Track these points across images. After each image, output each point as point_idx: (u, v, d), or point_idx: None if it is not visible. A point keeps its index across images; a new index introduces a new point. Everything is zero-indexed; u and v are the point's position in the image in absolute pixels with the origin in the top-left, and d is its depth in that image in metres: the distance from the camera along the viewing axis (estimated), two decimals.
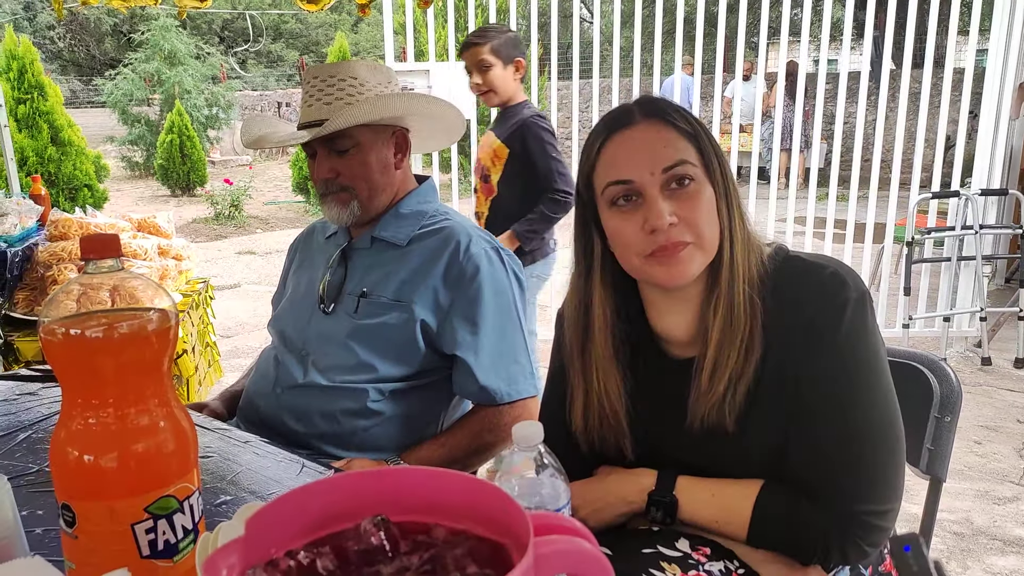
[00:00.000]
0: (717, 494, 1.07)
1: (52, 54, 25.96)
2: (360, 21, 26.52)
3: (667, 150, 1.02)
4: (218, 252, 8.24)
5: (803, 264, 1.07)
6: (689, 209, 1.01)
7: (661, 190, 1.01)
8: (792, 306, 1.03)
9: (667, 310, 1.12)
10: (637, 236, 1.03)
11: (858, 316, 1.02)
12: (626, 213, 1.03)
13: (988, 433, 3.46)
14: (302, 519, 0.57)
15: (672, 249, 1.01)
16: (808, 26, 4.62)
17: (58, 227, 3.13)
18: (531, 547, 0.49)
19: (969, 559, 2.51)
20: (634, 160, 1.02)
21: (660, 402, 1.13)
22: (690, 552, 1.05)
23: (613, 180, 1.03)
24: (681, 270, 1.02)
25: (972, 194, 4.34)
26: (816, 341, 1.02)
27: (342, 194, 1.58)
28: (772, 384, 1.04)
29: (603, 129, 1.07)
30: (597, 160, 1.06)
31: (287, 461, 1.24)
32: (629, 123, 1.04)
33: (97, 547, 0.74)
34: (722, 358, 1.04)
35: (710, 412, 1.05)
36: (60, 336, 0.72)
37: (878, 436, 1.02)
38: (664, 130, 1.03)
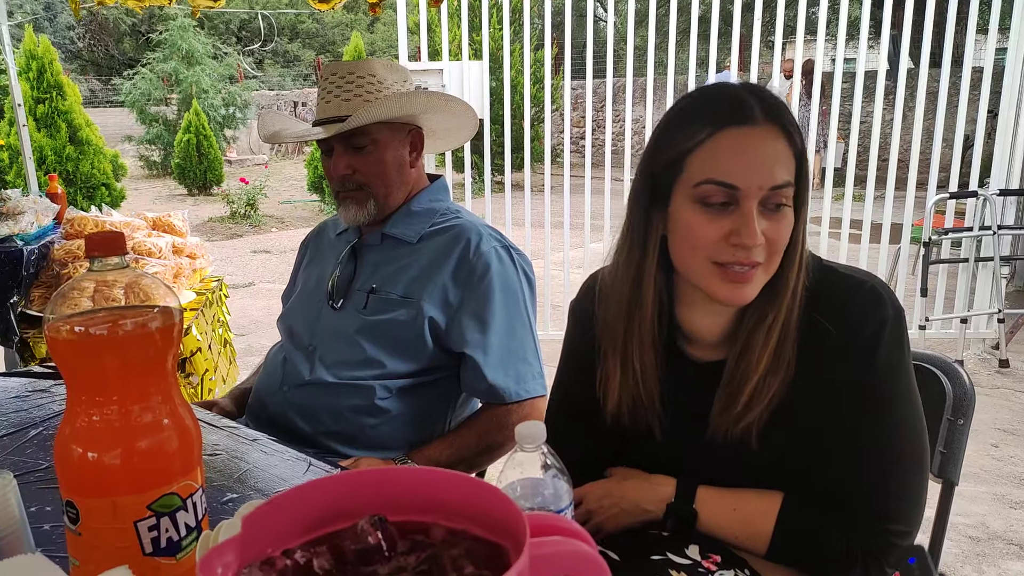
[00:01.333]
0: (739, 508, 1.05)
1: (72, 54, 26.22)
2: (376, 21, 26.59)
3: (779, 168, 0.95)
4: (233, 251, 8.29)
5: (839, 277, 1.04)
6: (775, 232, 0.97)
7: (758, 205, 0.95)
8: (830, 321, 1.01)
9: (703, 312, 1.08)
10: (716, 242, 0.97)
11: (895, 335, 1.00)
12: (713, 215, 0.97)
13: (1005, 436, 3.42)
14: (300, 518, 0.56)
15: (747, 273, 0.97)
16: (825, 24, 4.59)
17: (74, 225, 3.15)
18: (527, 548, 0.49)
19: (984, 564, 2.48)
20: (746, 166, 0.94)
21: (678, 403, 1.11)
22: (700, 560, 1.03)
23: (716, 180, 0.95)
24: (747, 292, 0.99)
25: (990, 194, 4.29)
26: (853, 359, 1.00)
27: (359, 193, 1.58)
28: (801, 399, 1.03)
29: (714, 116, 0.96)
30: (699, 148, 0.96)
31: (294, 460, 1.25)
32: (749, 121, 0.95)
33: (100, 544, 0.74)
34: (764, 384, 1.01)
35: (733, 428, 1.03)
36: (64, 333, 0.72)
37: (909, 456, 1.01)
38: (781, 141, 0.96)
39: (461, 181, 7.21)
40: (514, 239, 1.86)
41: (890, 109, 5.37)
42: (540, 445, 0.80)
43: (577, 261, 5.33)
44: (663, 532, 1.09)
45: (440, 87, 4.49)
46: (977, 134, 4.45)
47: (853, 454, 1.01)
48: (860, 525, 1.00)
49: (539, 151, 9.26)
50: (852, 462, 1.01)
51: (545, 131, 4.87)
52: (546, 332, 4.61)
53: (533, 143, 8.51)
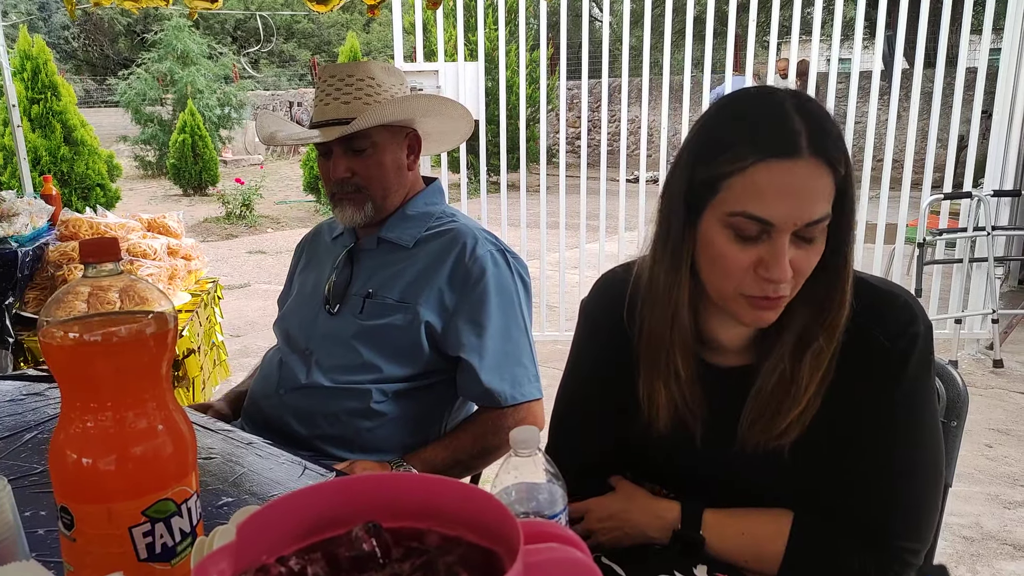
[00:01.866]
0: (747, 532, 1.04)
1: (66, 54, 26.17)
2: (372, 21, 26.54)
3: (818, 204, 0.92)
4: (229, 251, 8.28)
5: (872, 290, 1.03)
6: (803, 262, 0.94)
7: (792, 235, 0.93)
8: (864, 335, 1.00)
9: (727, 324, 1.07)
10: (744, 272, 0.95)
11: (925, 352, 1.00)
12: (743, 243, 0.94)
13: (999, 436, 3.43)
14: (294, 525, 0.57)
15: (772, 301, 0.96)
16: (820, 25, 4.60)
17: (68, 227, 3.15)
18: (521, 555, 0.49)
19: (979, 564, 2.49)
20: (785, 204, 0.91)
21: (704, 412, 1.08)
22: None
23: (753, 215, 0.92)
24: (770, 317, 0.98)
25: (984, 195, 4.31)
26: (885, 374, 0.99)
27: (357, 195, 1.58)
28: (835, 410, 1.01)
29: (760, 144, 0.92)
30: (738, 175, 0.92)
31: (289, 463, 1.25)
32: (794, 153, 0.90)
33: (95, 550, 0.74)
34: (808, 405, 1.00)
35: (768, 439, 1.02)
36: (59, 339, 0.72)
37: (928, 474, 1.01)
38: (823, 176, 0.92)
39: (456, 181, 7.21)
40: (509, 240, 1.86)
41: (885, 109, 5.39)
42: (535, 450, 0.80)
43: (573, 262, 5.33)
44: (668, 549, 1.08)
45: (436, 88, 4.49)
46: (972, 135, 4.47)
47: (877, 471, 1.00)
48: (873, 545, 0.99)
49: (535, 151, 9.26)
50: (876, 479, 1.00)
51: (541, 131, 4.87)
52: (542, 333, 4.61)
53: (529, 143, 8.52)
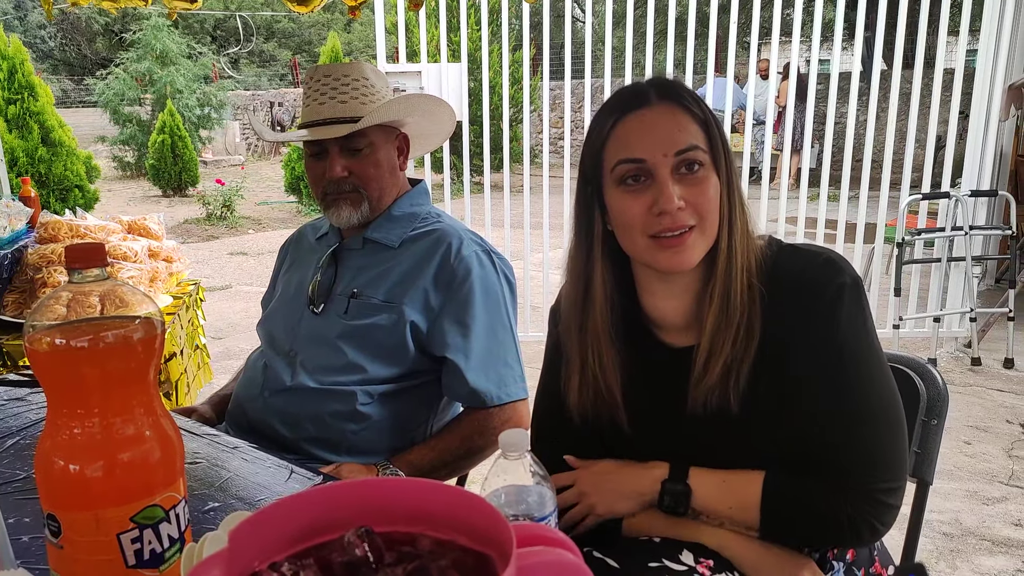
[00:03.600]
0: (728, 479, 1.08)
1: (43, 53, 25.87)
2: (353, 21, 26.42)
3: (681, 134, 1.03)
4: (210, 253, 8.21)
5: (797, 252, 1.09)
6: (696, 194, 1.03)
7: (671, 173, 1.02)
8: (789, 292, 1.06)
9: (663, 295, 1.12)
10: (643, 216, 1.03)
11: (854, 300, 1.04)
12: (634, 192, 1.04)
13: (977, 433, 3.48)
14: (286, 531, 0.56)
15: (680, 237, 1.02)
16: (799, 26, 4.64)
17: (48, 229, 3.11)
18: (514, 558, 0.49)
19: (958, 559, 2.52)
20: (648, 140, 1.03)
21: (657, 391, 1.14)
22: (694, 565, 1.05)
23: (625, 158, 1.04)
24: (685, 257, 1.04)
25: (962, 195, 4.36)
26: (816, 326, 1.04)
27: (353, 195, 1.58)
28: (773, 368, 1.06)
29: (616, 108, 1.06)
30: (608, 138, 1.06)
31: (275, 467, 1.24)
32: (644, 104, 1.05)
33: (82, 557, 0.74)
34: (716, 346, 1.05)
35: (710, 398, 1.06)
36: (45, 346, 0.72)
37: (882, 414, 1.04)
38: (679, 114, 1.04)
39: (440, 182, 7.19)
40: (493, 240, 1.87)
41: (864, 110, 5.44)
42: (524, 452, 0.81)
43: (557, 262, 5.33)
44: (654, 538, 1.10)
45: (418, 89, 4.49)
46: (949, 135, 4.52)
47: (831, 418, 1.03)
48: (845, 488, 1.02)
49: (518, 152, 9.27)
50: (830, 426, 1.03)
51: (524, 132, 4.88)
52: (526, 333, 4.61)
53: (512, 144, 8.53)
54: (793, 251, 1.10)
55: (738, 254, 1.06)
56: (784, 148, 5.69)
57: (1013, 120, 5.00)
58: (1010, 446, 3.35)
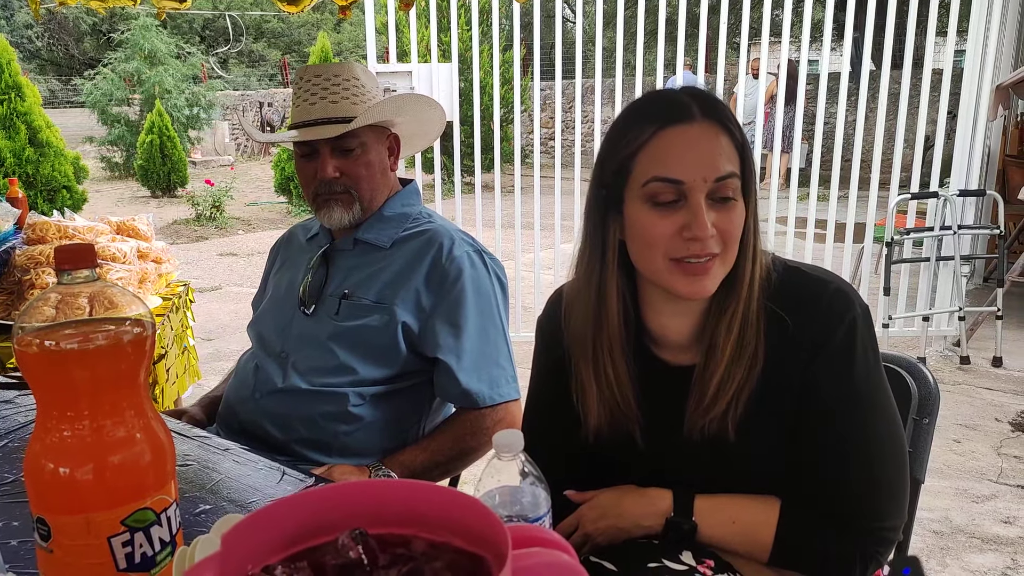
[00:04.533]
0: (738, 520, 1.06)
1: (30, 53, 25.70)
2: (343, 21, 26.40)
3: (722, 160, 0.98)
4: (199, 254, 8.18)
5: (805, 279, 1.07)
6: (726, 222, 0.99)
7: (706, 198, 0.98)
8: (798, 322, 1.03)
9: (668, 313, 1.10)
10: (670, 238, 0.99)
11: (865, 334, 1.03)
12: (663, 212, 0.99)
13: (967, 432, 3.49)
14: (279, 533, 0.56)
15: (704, 265, 0.99)
16: (789, 27, 4.65)
17: (36, 230, 3.08)
18: (510, 560, 0.49)
19: (948, 557, 2.53)
20: (688, 161, 0.97)
21: (652, 408, 1.12)
22: (695, 565, 1.04)
23: (662, 176, 0.98)
24: (707, 284, 1.00)
25: (951, 195, 4.38)
26: (827, 359, 1.02)
27: (344, 196, 1.58)
28: (774, 397, 1.04)
29: (656, 117, 1.00)
30: (642, 149, 1.00)
31: (267, 469, 1.24)
32: (687, 118, 0.99)
33: (73, 561, 0.73)
34: (729, 374, 1.03)
35: (711, 424, 1.05)
36: (35, 348, 0.71)
37: (890, 452, 1.04)
38: (721, 136, 0.99)
39: (430, 182, 7.18)
40: (484, 240, 1.86)
41: (853, 110, 5.47)
42: (518, 453, 0.81)
43: (547, 262, 5.34)
44: (654, 540, 1.09)
45: (409, 89, 4.48)
46: (938, 135, 4.54)
47: (842, 458, 1.02)
48: (855, 526, 1.02)
49: (508, 152, 9.27)
50: (842, 466, 1.02)
51: (515, 132, 4.87)
52: (517, 334, 4.61)
53: (502, 144, 8.53)
54: (800, 275, 1.07)
55: (756, 281, 1.04)
56: (774, 148, 5.72)
57: (1001, 120, 5.03)
58: (999, 444, 3.37)
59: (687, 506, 1.07)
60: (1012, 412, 3.69)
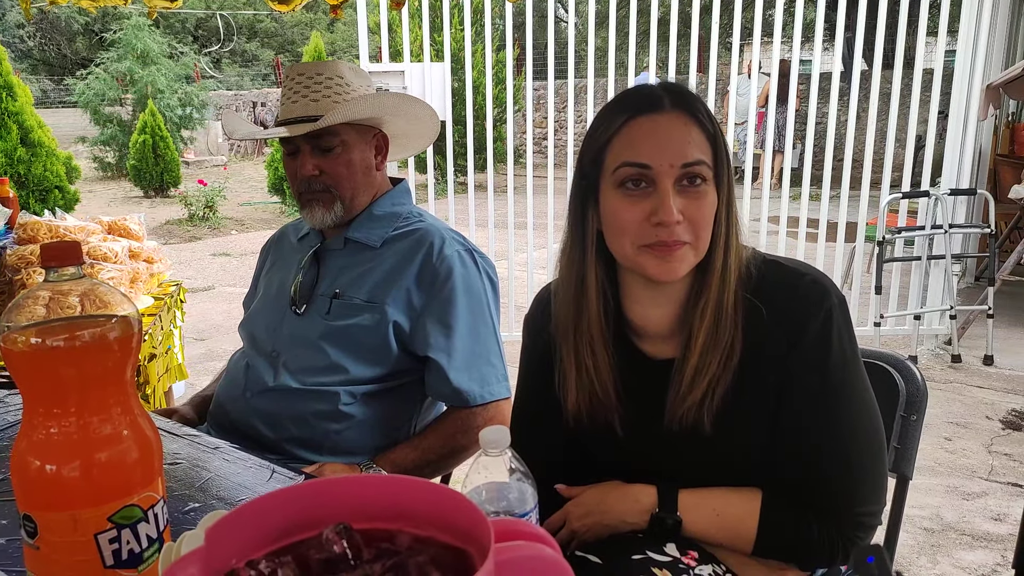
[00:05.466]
0: (721, 513, 1.07)
1: (22, 53, 25.60)
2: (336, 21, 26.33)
3: (690, 146, 1.00)
4: (192, 254, 8.16)
5: (782, 270, 1.08)
6: (695, 209, 1.01)
7: (674, 184, 1.00)
8: (774, 313, 1.04)
9: (648, 303, 1.11)
10: (639, 224, 1.01)
11: (841, 323, 1.04)
12: (632, 198, 1.01)
13: (958, 430, 3.51)
14: (264, 528, 0.56)
15: (669, 247, 1.00)
16: (781, 27, 4.67)
17: (27, 230, 3.07)
18: (492, 554, 0.50)
19: (939, 554, 2.55)
20: (656, 146, 1.00)
21: (634, 400, 1.13)
22: (679, 556, 1.05)
23: (629, 161, 1.01)
24: (674, 267, 1.02)
25: (942, 194, 4.41)
26: (803, 350, 1.03)
27: (325, 195, 1.57)
28: (752, 388, 1.06)
29: (627, 107, 1.03)
30: (614, 138, 1.03)
31: (257, 467, 1.24)
32: (657, 108, 1.02)
33: (60, 558, 0.73)
34: (703, 363, 1.04)
35: (687, 414, 1.06)
36: (20, 345, 0.71)
37: (868, 438, 1.05)
38: (691, 125, 1.01)
39: (423, 182, 7.17)
40: (477, 240, 1.86)
41: (844, 110, 5.49)
42: (504, 449, 0.81)
43: (541, 262, 5.35)
44: (638, 534, 1.10)
45: (402, 88, 4.47)
46: (929, 134, 4.57)
47: (820, 447, 1.04)
48: (835, 514, 1.04)
49: (502, 152, 9.27)
50: (820, 455, 1.04)
51: (508, 132, 4.88)
52: (510, 333, 4.60)
53: (496, 144, 8.52)
54: (778, 267, 1.09)
55: (731, 271, 1.05)
56: (766, 148, 5.72)
57: (992, 119, 5.05)
58: (990, 442, 3.39)
59: (672, 501, 1.08)
60: (1003, 410, 3.71)
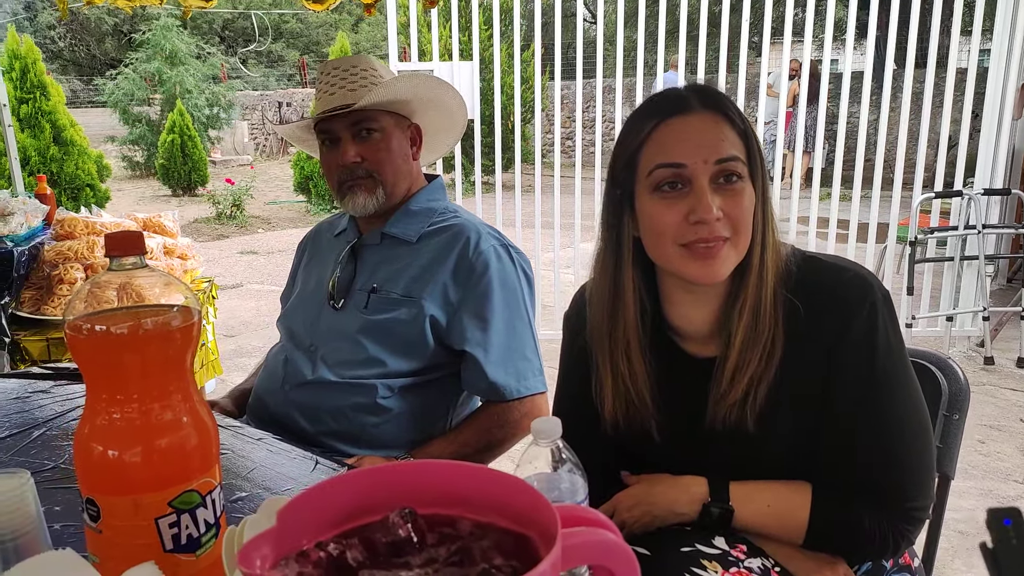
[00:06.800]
0: (772, 504, 1.07)
1: (53, 54, 25.99)
2: (361, 20, 26.52)
3: (722, 143, 1.00)
4: (220, 252, 8.24)
5: (824, 266, 1.08)
6: (733, 206, 1.01)
7: (710, 182, 1.00)
8: (817, 310, 1.04)
9: (688, 305, 1.11)
10: (677, 225, 1.01)
11: (886, 317, 1.04)
12: (669, 200, 1.02)
13: (992, 432, 3.46)
14: (330, 512, 0.57)
15: (713, 248, 1.00)
16: (811, 26, 4.63)
17: (64, 226, 3.13)
18: (560, 538, 0.50)
19: (974, 557, 2.51)
20: (689, 146, 1.00)
21: (677, 400, 1.13)
22: (728, 549, 1.05)
23: (664, 162, 1.01)
24: (717, 268, 1.02)
25: (975, 194, 4.35)
26: (849, 345, 1.03)
27: (367, 180, 1.59)
28: (795, 386, 1.05)
29: (656, 111, 1.04)
30: (646, 141, 1.03)
31: (300, 458, 1.25)
32: (686, 110, 1.02)
33: (121, 541, 0.74)
34: (743, 361, 1.04)
35: (730, 413, 1.06)
36: (86, 332, 0.73)
37: (916, 432, 1.05)
38: (721, 123, 1.02)
39: (450, 181, 7.20)
40: None
41: (875, 110, 5.43)
42: (556, 440, 0.81)
43: (566, 261, 5.34)
44: (686, 527, 1.10)
45: None
46: (961, 134, 4.50)
47: (870, 442, 1.03)
48: (886, 508, 1.04)
49: (528, 151, 9.27)
50: (870, 450, 1.03)
51: (535, 131, 4.88)
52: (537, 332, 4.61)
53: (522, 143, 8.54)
54: (818, 263, 1.08)
55: (769, 269, 1.04)
56: (796, 148, 5.67)
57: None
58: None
59: (723, 491, 1.08)
60: None
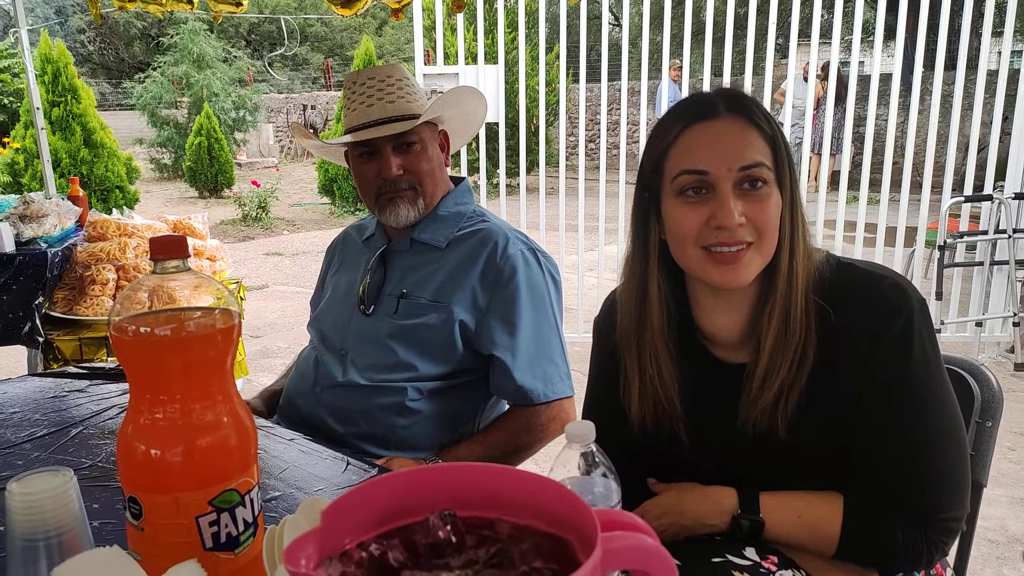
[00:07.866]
0: (803, 514, 1.06)
1: (82, 57, 26.40)
2: (385, 24, 26.67)
3: (748, 149, 1.01)
4: (246, 253, 8.32)
5: (859, 273, 1.07)
6: (757, 211, 1.01)
7: (734, 188, 1.00)
8: (853, 317, 1.03)
9: (716, 310, 1.11)
10: (699, 228, 1.02)
11: (923, 325, 1.02)
12: (693, 204, 1.02)
13: (1021, 439, 3.42)
14: (371, 513, 0.58)
15: (735, 253, 1.00)
16: (839, 28, 4.60)
17: (96, 228, 3.18)
18: (600, 542, 0.51)
19: (1004, 567, 2.48)
20: (713, 152, 1.01)
21: (707, 405, 1.13)
22: (759, 560, 1.04)
23: (687, 169, 1.02)
24: (740, 274, 1.02)
25: (1005, 198, 4.29)
26: (885, 353, 1.02)
27: (410, 192, 1.61)
28: (828, 392, 1.04)
29: (682, 116, 1.04)
30: (672, 146, 1.04)
31: (332, 459, 1.26)
32: (712, 115, 1.02)
33: (163, 539, 0.76)
34: (773, 366, 1.04)
35: (760, 418, 1.05)
36: (130, 334, 0.74)
37: (952, 442, 1.03)
38: (747, 128, 1.02)
39: (474, 184, 7.21)
40: None
41: (903, 112, 5.37)
42: (589, 444, 0.82)
43: (591, 264, 5.34)
44: (716, 537, 1.09)
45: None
46: (991, 137, 4.45)
47: (905, 451, 1.02)
48: (919, 518, 1.02)
49: (552, 154, 9.28)
50: (905, 459, 1.02)
51: (560, 134, 4.88)
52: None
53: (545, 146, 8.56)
54: (853, 270, 1.07)
55: (799, 274, 1.04)
56: (823, 151, 5.66)
57: None
58: None
59: (753, 502, 1.07)
60: None
